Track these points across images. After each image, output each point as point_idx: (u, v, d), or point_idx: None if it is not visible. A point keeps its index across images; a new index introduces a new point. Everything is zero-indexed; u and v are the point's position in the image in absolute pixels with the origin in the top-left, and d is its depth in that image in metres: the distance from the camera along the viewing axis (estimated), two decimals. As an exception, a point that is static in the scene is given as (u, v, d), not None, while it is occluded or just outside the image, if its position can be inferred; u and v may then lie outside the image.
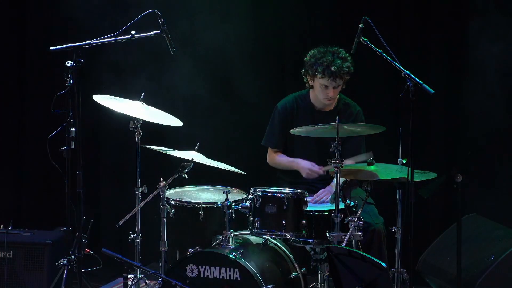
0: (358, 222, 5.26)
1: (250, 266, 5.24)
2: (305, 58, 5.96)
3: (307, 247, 5.50)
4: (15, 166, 7.25)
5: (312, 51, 5.94)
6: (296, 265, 5.59)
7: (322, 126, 5.40)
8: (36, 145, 7.06)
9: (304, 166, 5.90)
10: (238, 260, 5.23)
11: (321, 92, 5.90)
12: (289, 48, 6.90)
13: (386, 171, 5.30)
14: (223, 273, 5.26)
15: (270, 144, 6.13)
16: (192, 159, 5.48)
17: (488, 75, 6.49)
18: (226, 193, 5.45)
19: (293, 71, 6.69)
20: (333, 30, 6.68)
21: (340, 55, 5.83)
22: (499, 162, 6.53)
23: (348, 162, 5.97)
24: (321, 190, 5.81)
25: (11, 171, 7.21)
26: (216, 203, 5.61)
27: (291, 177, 6.08)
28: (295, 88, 6.23)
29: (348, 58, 5.84)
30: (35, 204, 7.19)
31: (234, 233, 5.50)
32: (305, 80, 6.04)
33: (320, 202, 5.72)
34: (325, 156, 5.50)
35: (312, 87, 6.01)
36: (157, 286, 5.42)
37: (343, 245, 5.20)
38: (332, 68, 5.78)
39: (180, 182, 5.73)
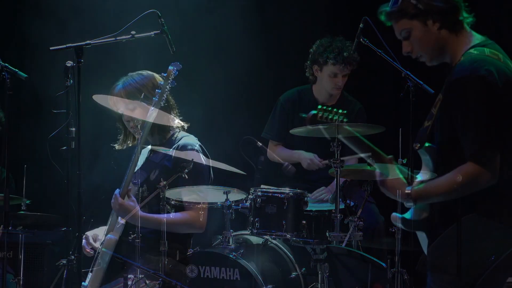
0: (358, 222, 5.26)
1: (250, 266, 5.24)
2: (311, 49, 5.99)
3: (307, 247, 5.50)
4: (15, 166, 7.23)
5: (318, 41, 5.97)
6: (296, 265, 5.59)
7: (322, 126, 5.40)
8: (36, 144, 7.06)
9: (306, 156, 5.92)
10: (238, 260, 5.24)
11: (330, 81, 5.91)
12: (288, 55, 6.90)
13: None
14: (223, 273, 5.26)
15: (269, 136, 6.14)
16: (192, 159, 5.47)
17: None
18: (226, 193, 5.45)
19: (293, 72, 6.68)
20: (333, 30, 6.67)
21: (347, 43, 5.89)
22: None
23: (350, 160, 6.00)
24: (323, 187, 5.83)
25: (11, 171, 7.19)
26: (216, 203, 5.61)
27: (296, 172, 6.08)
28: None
29: None
30: (35, 204, 7.18)
31: (234, 233, 5.50)
32: (308, 74, 6.04)
33: (319, 200, 5.73)
34: (326, 154, 5.51)
35: (315, 80, 6.01)
36: (157, 286, 5.42)
37: (343, 245, 5.20)
38: (344, 54, 5.84)
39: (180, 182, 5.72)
